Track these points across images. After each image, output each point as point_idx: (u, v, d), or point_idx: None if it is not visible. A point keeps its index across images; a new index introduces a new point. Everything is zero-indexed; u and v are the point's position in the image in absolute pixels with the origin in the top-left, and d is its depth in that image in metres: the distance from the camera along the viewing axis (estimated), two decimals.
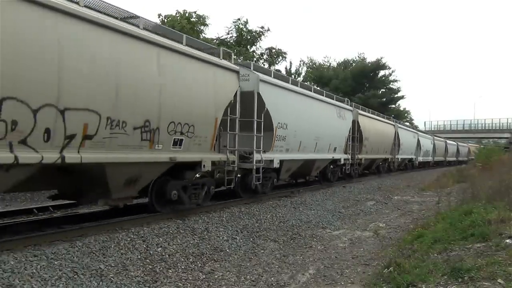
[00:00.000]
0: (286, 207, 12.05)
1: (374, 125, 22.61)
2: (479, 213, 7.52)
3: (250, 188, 11.62)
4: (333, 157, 17.01)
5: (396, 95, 54.32)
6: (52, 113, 5.90)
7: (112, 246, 6.73)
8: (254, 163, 11.11)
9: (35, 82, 5.63)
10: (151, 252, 6.90)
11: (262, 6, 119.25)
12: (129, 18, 7.64)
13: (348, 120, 18.42)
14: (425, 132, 46.23)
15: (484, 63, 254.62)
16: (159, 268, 6.44)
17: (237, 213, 10.22)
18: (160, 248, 7.13)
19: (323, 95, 16.38)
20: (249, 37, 34.06)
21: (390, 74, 53.40)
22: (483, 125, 69.15)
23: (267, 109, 11.50)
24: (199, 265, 6.89)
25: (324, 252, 8.15)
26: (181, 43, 8.56)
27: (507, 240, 5.73)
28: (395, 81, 53.75)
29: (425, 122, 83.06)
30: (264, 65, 33.52)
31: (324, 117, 15.76)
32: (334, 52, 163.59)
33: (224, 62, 10.01)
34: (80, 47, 6.27)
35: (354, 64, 54.69)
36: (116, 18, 7.24)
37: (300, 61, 54.35)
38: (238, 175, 11.20)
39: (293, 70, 45.33)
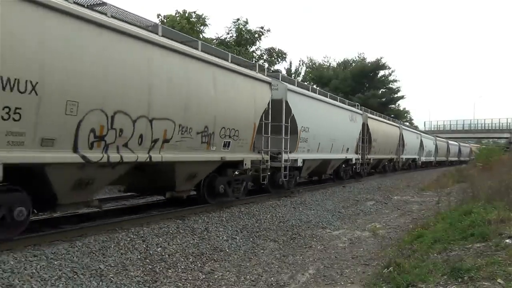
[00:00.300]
0: (286, 207, 12.06)
1: (382, 127, 24.09)
2: (479, 213, 7.51)
3: (278, 184, 13.20)
4: (346, 157, 18.74)
5: (396, 95, 54.31)
6: (144, 123, 7.65)
7: (112, 246, 6.73)
8: (283, 162, 12.68)
9: (135, 99, 7.41)
10: (151, 252, 6.90)
11: (261, 6, 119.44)
12: (189, 41, 9.33)
13: (358, 123, 20.16)
14: (426, 132, 46.55)
15: (483, 63, 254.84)
16: (159, 268, 6.44)
17: (237, 213, 10.22)
18: (160, 248, 7.13)
19: (337, 101, 18.13)
20: (248, 37, 34.05)
21: (390, 74, 53.43)
22: (483, 125, 69.14)
23: (293, 114, 13.21)
24: (199, 265, 6.89)
25: (324, 252, 8.15)
26: (227, 61, 10.24)
27: (507, 240, 5.72)
28: (395, 81, 53.79)
29: (424, 122, 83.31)
30: (263, 65, 33.47)
31: (339, 121, 17.59)
32: (333, 52, 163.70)
33: (260, 76, 11.65)
34: (161, 70, 8.01)
35: (353, 64, 54.69)
36: (180, 42, 8.81)
37: (300, 61, 54.34)
38: (268, 173, 12.38)
39: (292, 70, 45.35)
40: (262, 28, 34.54)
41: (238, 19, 33.81)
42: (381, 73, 52.98)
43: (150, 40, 7.69)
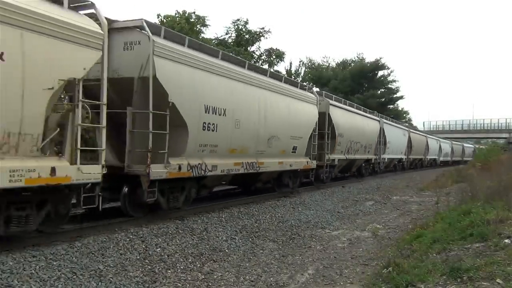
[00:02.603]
0: (285, 207, 12.06)
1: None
2: (478, 213, 7.51)
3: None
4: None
5: (395, 96, 54.35)
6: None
7: (111, 246, 6.73)
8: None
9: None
10: (150, 253, 6.90)
11: (260, 6, 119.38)
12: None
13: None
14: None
15: (483, 63, 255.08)
16: (158, 268, 6.43)
17: (236, 213, 10.22)
18: (159, 249, 7.12)
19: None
20: (247, 37, 34.05)
21: (389, 74, 53.47)
22: (482, 125, 69.14)
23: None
24: (198, 265, 6.89)
25: (323, 252, 8.15)
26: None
27: (506, 240, 5.73)
28: (394, 81, 53.83)
29: (424, 123, 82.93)
30: (262, 65, 33.49)
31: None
32: (333, 52, 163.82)
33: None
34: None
35: (353, 64, 54.70)
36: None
37: (300, 61, 54.28)
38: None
39: (292, 71, 45.33)
40: (262, 28, 34.56)
41: (238, 19, 33.83)
42: (380, 73, 53.06)
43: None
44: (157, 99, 7.87)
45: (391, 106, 55.09)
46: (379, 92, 52.16)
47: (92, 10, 6.81)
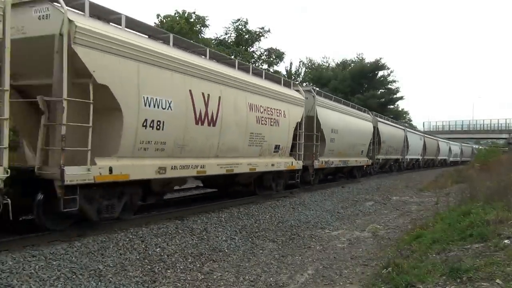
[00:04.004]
0: (285, 207, 12.05)
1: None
2: (478, 214, 7.52)
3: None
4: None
5: (395, 96, 54.40)
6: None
7: (111, 246, 6.72)
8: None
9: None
10: (150, 253, 6.90)
11: (259, 6, 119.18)
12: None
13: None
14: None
15: (482, 63, 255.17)
16: (158, 268, 6.43)
17: (236, 214, 10.22)
18: (158, 249, 7.12)
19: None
20: (247, 37, 34.01)
21: (389, 75, 53.56)
22: (482, 125, 69.09)
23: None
24: (198, 265, 6.89)
25: (323, 252, 8.15)
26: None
27: (506, 241, 5.72)
28: (394, 81, 53.90)
29: (423, 123, 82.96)
30: (262, 65, 33.48)
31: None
32: (332, 52, 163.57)
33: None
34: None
35: (353, 64, 54.74)
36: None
37: (300, 61, 54.33)
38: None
39: (292, 71, 45.32)
40: (262, 28, 34.54)
41: (238, 19, 33.79)
42: (380, 73, 53.14)
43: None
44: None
45: (391, 106, 55.14)
46: (379, 92, 52.20)
47: None
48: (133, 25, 8.19)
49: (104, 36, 6.86)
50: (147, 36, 8.58)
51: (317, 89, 18.01)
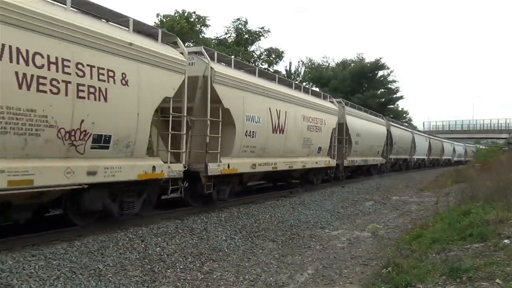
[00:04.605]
0: (284, 207, 12.06)
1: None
2: (478, 214, 7.51)
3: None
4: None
5: (395, 96, 54.36)
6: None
7: (111, 246, 6.73)
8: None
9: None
10: (150, 252, 6.90)
11: (259, 6, 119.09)
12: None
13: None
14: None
15: (482, 64, 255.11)
16: (158, 268, 6.43)
17: (236, 213, 10.22)
18: (158, 248, 7.12)
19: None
20: (247, 36, 33.99)
21: (389, 74, 53.48)
22: (481, 125, 69.13)
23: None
24: (198, 265, 6.89)
25: (323, 252, 8.15)
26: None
27: (506, 240, 5.72)
28: (394, 81, 53.82)
29: (423, 123, 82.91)
30: (262, 65, 33.48)
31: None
32: (332, 52, 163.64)
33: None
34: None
35: (353, 64, 54.69)
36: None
37: (299, 61, 54.35)
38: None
39: (292, 70, 45.31)
40: (262, 28, 34.53)
41: (238, 19, 33.78)
42: (380, 73, 53.06)
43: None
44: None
45: (391, 106, 55.11)
46: (379, 92, 52.16)
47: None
48: (240, 65, 12.07)
49: (227, 76, 10.08)
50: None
51: (345, 100, 20.66)
